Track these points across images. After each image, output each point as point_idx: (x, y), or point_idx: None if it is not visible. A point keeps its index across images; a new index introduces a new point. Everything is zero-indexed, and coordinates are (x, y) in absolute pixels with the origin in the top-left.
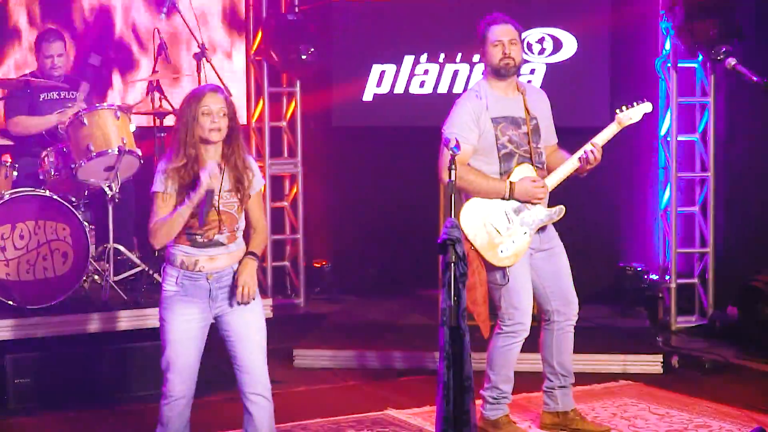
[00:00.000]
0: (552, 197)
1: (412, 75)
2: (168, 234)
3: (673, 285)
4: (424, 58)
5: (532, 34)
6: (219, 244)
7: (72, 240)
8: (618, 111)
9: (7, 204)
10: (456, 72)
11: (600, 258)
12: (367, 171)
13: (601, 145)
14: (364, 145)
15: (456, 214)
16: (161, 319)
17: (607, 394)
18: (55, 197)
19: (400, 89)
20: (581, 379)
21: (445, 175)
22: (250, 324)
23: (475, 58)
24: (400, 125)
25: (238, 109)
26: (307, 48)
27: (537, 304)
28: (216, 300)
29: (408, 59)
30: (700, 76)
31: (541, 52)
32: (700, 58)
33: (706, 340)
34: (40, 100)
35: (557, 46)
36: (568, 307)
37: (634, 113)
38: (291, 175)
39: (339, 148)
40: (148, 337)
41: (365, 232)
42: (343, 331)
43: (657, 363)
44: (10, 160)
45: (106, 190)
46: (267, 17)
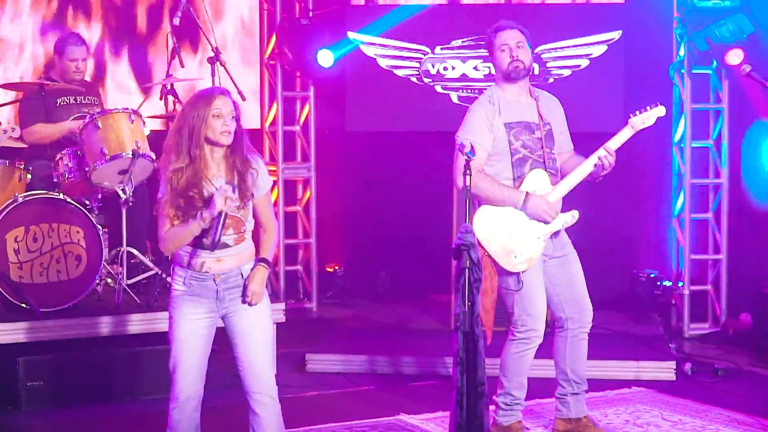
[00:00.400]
0: (565, 203)
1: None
2: (177, 246)
3: (686, 292)
4: (439, 61)
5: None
6: (225, 246)
7: (86, 243)
8: (631, 115)
9: (21, 207)
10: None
11: (613, 264)
12: (380, 176)
13: (615, 150)
14: (377, 149)
15: (470, 220)
16: (169, 318)
17: (620, 401)
18: (69, 200)
19: (414, 93)
20: (594, 385)
21: (460, 181)
22: (254, 324)
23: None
24: (414, 130)
25: (250, 113)
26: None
27: (550, 311)
28: (223, 301)
29: (423, 63)
30: (713, 82)
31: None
32: (715, 64)
33: (719, 346)
34: (57, 105)
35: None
36: (581, 314)
37: (648, 117)
38: (304, 179)
39: (352, 152)
40: (161, 340)
41: (378, 237)
42: (355, 335)
43: (670, 370)
44: (24, 163)
45: (120, 193)
46: (281, 21)
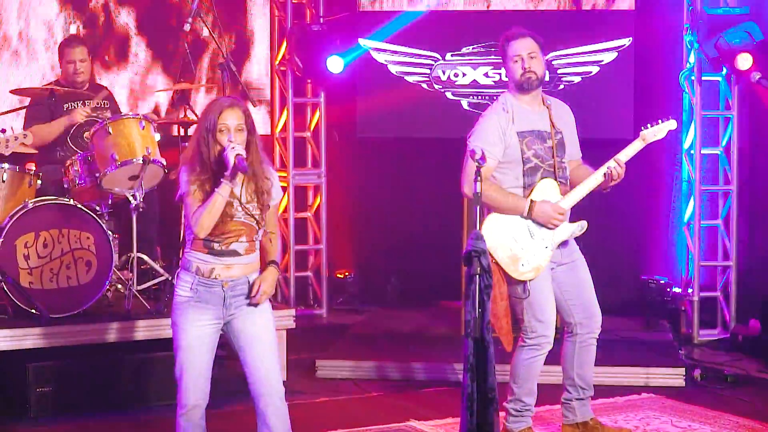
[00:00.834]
0: (576, 211)
1: (438, 84)
2: (211, 216)
3: (695, 298)
4: (449, 68)
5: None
6: (236, 254)
7: (96, 249)
8: (643, 128)
9: (31, 212)
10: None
11: (623, 271)
12: (391, 182)
13: (625, 162)
14: (387, 155)
15: (480, 226)
16: (173, 324)
17: (629, 407)
18: (79, 206)
19: (425, 99)
20: (603, 391)
21: (467, 188)
22: (261, 327)
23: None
24: (424, 136)
25: (261, 118)
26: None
27: (560, 317)
28: (229, 308)
29: (434, 69)
30: (723, 89)
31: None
32: (725, 71)
33: (729, 353)
34: (64, 110)
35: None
36: (590, 320)
37: (659, 130)
38: (315, 185)
39: (363, 158)
40: (171, 347)
41: (388, 243)
42: (365, 342)
43: (679, 376)
44: (34, 169)
45: (131, 199)
46: (292, 27)
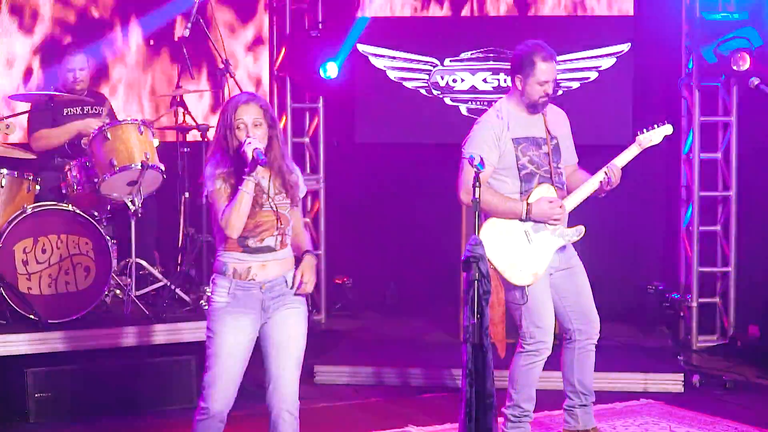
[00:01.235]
0: (574, 216)
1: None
2: (239, 215)
3: (694, 304)
4: (448, 73)
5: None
6: (270, 250)
7: (94, 254)
8: (639, 133)
9: (30, 218)
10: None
11: (622, 277)
12: (390, 188)
13: (621, 167)
14: (386, 161)
15: (478, 232)
16: (209, 331)
17: (628, 413)
18: (77, 211)
19: (423, 105)
20: (602, 397)
21: (465, 195)
22: (292, 338)
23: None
24: (423, 142)
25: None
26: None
27: (558, 323)
28: (267, 311)
29: (433, 75)
30: (722, 95)
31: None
32: (723, 77)
33: (728, 359)
34: (64, 115)
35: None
36: (589, 325)
37: (655, 135)
38: (313, 191)
39: (361, 164)
40: (170, 351)
41: (387, 249)
42: (364, 347)
43: (678, 382)
44: (32, 174)
45: (129, 204)
46: (290, 33)
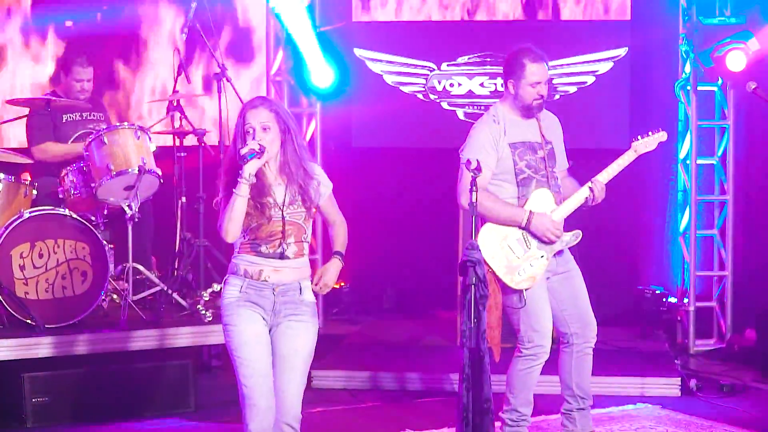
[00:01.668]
0: (572, 219)
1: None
2: (232, 220)
3: (691, 308)
4: (445, 78)
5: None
6: (283, 257)
7: (91, 259)
8: (634, 139)
9: (27, 222)
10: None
11: (619, 281)
12: (387, 192)
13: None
14: (383, 165)
15: (476, 236)
16: (226, 326)
17: (625, 417)
18: (74, 216)
19: (420, 109)
20: (599, 401)
21: (464, 199)
22: (299, 350)
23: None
24: (420, 146)
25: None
26: None
27: (555, 327)
28: (278, 314)
29: (429, 79)
30: (719, 99)
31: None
32: (720, 81)
33: (725, 363)
34: (63, 121)
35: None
36: (586, 329)
37: (650, 142)
38: None
39: (358, 168)
40: (167, 356)
41: (384, 253)
42: (360, 352)
43: (675, 386)
44: (30, 179)
45: (126, 209)
46: (287, 37)
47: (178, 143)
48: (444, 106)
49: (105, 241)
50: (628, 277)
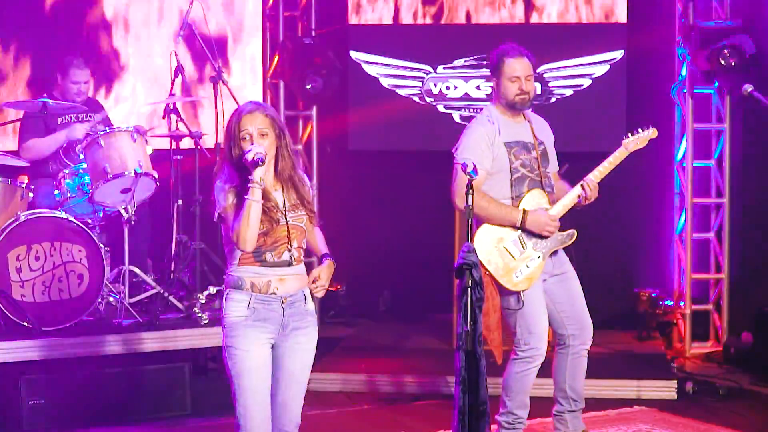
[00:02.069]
0: (567, 221)
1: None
2: (249, 227)
3: (687, 311)
4: (441, 81)
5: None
6: (288, 264)
7: (88, 262)
8: (625, 137)
9: (24, 225)
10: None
11: (615, 283)
12: (383, 195)
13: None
14: (379, 168)
15: (472, 239)
16: (229, 348)
17: (621, 420)
18: (71, 219)
19: (417, 112)
20: (595, 404)
21: (460, 201)
22: (304, 366)
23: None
24: (416, 149)
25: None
26: (313, 79)
27: (552, 329)
28: (286, 328)
29: (426, 82)
30: (715, 102)
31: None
32: (716, 84)
33: (721, 366)
34: (58, 123)
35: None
36: (583, 331)
37: (640, 139)
38: None
39: (354, 171)
40: (163, 359)
41: (380, 256)
42: (356, 354)
43: (671, 389)
44: (26, 182)
45: (123, 212)
46: (283, 41)
47: (174, 146)
48: (440, 108)
49: (101, 244)
50: (625, 280)
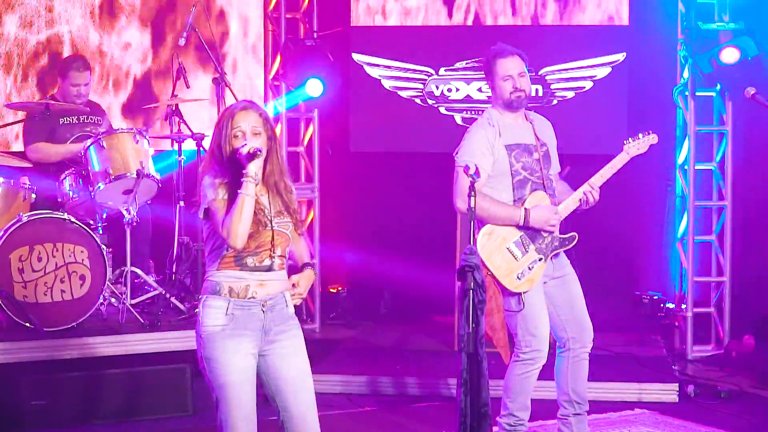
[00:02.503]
0: (568, 224)
1: (431, 99)
2: (242, 222)
3: (689, 314)
4: (443, 83)
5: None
6: (269, 269)
7: (90, 263)
8: (626, 142)
9: (26, 226)
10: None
11: (616, 286)
12: (384, 197)
13: (599, 186)
14: (381, 170)
15: (474, 240)
16: (208, 361)
17: (623, 423)
18: (73, 220)
19: (418, 114)
20: (597, 407)
21: (461, 203)
22: (302, 368)
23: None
24: (417, 151)
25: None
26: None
27: (552, 332)
28: (268, 333)
29: (427, 84)
30: (717, 104)
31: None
32: (718, 86)
33: (722, 369)
34: (60, 124)
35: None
36: (583, 333)
37: (641, 144)
38: (308, 200)
39: (356, 173)
40: (165, 360)
41: (381, 258)
42: (358, 356)
43: (673, 392)
44: (28, 183)
45: (125, 213)
46: (285, 42)
47: (177, 148)
48: (442, 110)
49: (103, 245)
50: (626, 283)
